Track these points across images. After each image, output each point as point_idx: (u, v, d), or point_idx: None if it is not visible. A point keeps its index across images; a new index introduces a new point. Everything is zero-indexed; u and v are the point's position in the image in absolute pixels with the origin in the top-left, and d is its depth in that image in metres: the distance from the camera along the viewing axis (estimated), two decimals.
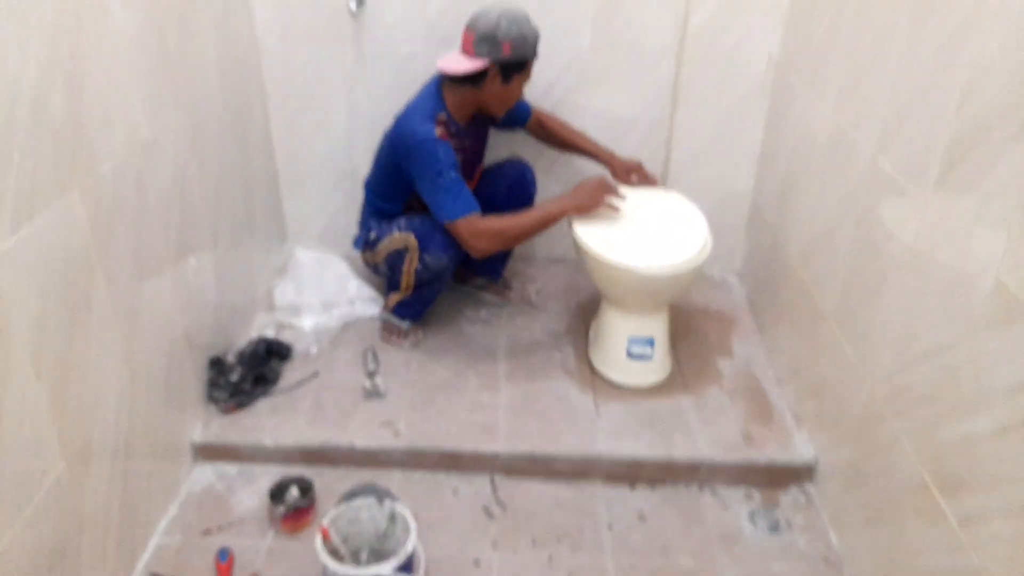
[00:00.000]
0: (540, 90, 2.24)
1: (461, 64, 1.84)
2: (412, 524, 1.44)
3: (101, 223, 1.38)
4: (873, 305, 1.50)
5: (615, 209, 1.93)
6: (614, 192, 1.94)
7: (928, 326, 1.30)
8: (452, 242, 1.90)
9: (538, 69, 2.00)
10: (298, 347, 2.07)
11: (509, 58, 1.83)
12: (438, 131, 1.85)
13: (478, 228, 1.83)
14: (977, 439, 1.15)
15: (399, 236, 1.97)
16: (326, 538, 1.42)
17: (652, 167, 2.32)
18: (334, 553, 1.42)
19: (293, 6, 2.16)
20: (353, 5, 2.10)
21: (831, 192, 1.73)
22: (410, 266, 1.96)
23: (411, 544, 1.40)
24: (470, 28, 1.83)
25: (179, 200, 1.70)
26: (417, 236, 1.93)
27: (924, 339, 1.31)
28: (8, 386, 1.15)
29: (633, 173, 2.12)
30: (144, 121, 1.54)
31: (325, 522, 1.44)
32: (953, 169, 1.24)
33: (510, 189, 2.15)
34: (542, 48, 1.90)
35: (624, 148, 2.27)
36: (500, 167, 2.20)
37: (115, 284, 1.44)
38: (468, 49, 1.84)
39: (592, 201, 1.90)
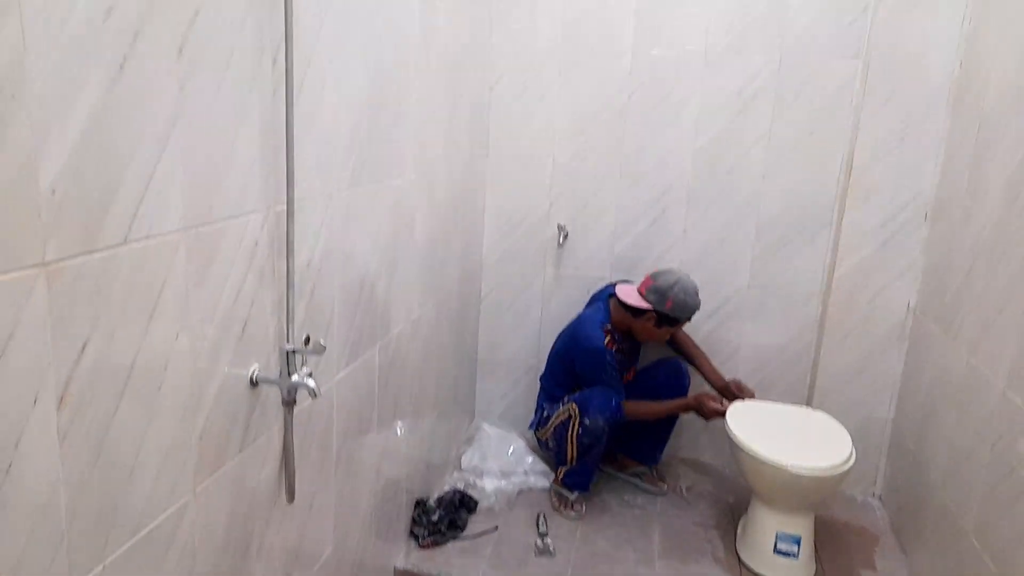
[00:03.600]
0: (704, 314, 2.71)
1: (631, 298, 2.41)
2: None
3: (384, 373, 1.89)
4: (1010, 519, 1.70)
5: (722, 407, 2.36)
6: (714, 399, 2.40)
7: None
8: (607, 407, 2.34)
9: (704, 298, 2.49)
10: (482, 504, 2.43)
11: (667, 313, 2.37)
12: (607, 340, 2.39)
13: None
14: None
15: (564, 408, 2.43)
16: None
17: (797, 389, 2.69)
18: None
19: (512, 237, 2.84)
20: (561, 240, 2.74)
21: (968, 420, 1.99)
22: (572, 432, 2.38)
23: None
24: (651, 277, 2.42)
25: (421, 370, 2.22)
26: (578, 403, 2.39)
27: None
28: (325, 477, 1.59)
29: (732, 386, 2.50)
30: (416, 305, 2.12)
31: None
32: None
33: (667, 380, 2.60)
34: (710, 282, 2.43)
35: (770, 370, 2.71)
36: (656, 365, 2.65)
37: (382, 423, 1.91)
38: (642, 290, 2.41)
39: (697, 403, 2.39)
